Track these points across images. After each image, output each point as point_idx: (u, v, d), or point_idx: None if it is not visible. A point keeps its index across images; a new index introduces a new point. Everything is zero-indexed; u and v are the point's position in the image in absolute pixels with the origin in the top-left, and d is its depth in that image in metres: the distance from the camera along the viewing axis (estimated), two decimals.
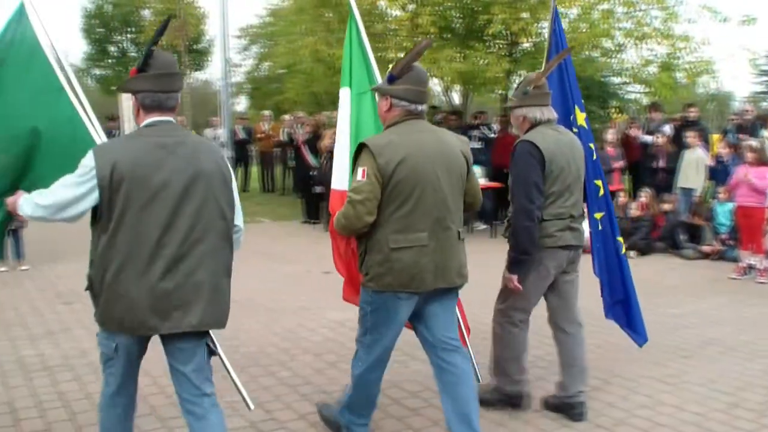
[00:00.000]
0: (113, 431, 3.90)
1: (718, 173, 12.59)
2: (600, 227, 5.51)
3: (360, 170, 4.18)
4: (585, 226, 5.15)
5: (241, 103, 37.68)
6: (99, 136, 4.51)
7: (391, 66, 4.46)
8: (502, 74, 14.20)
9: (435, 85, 23.27)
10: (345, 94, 5.51)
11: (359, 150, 4.27)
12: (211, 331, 3.88)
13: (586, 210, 5.37)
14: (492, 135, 14.83)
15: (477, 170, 13.53)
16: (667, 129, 13.96)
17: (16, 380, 5.87)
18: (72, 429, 4.95)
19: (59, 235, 13.80)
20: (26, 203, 3.72)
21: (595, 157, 5.54)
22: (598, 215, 5.50)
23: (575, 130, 5.47)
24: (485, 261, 6.92)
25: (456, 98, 19.77)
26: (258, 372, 6.03)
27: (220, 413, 3.91)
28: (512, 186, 4.93)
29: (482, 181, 13.59)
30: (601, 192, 5.54)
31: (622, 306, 5.73)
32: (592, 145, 5.56)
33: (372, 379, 4.52)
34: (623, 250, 5.66)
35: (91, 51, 30.34)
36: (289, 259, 11.02)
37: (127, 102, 19.86)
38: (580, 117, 5.58)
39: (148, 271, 3.54)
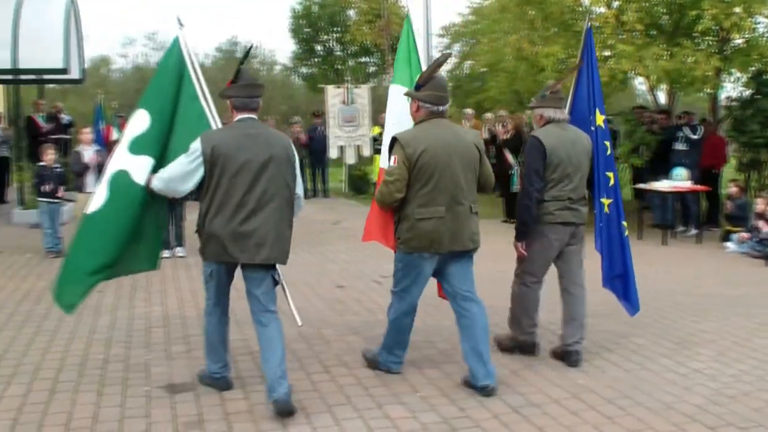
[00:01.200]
0: (213, 332, 5.55)
1: None
2: (606, 211, 6.48)
3: (393, 158, 5.48)
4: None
5: None
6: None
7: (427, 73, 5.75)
8: (711, 72, 13.54)
9: (640, 84, 22.60)
10: (396, 91, 6.66)
11: (393, 142, 5.57)
12: (278, 267, 5.40)
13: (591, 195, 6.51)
14: (695, 136, 14.15)
15: (682, 173, 13.11)
16: None
17: None
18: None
19: None
20: (154, 178, 5.43)
21: (609, 153, 6.53)
22: (606, 201, 6.49)
23: (593, 128, 6.47)
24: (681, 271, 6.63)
25: (662, 98, 19.06)
26: (453, 369, 6.06)
27: (279, 324, 5.33)
28: (522, 171, 6.21)
29: (687, 184, 13.09)
30: (612, 182, 6.52)
31: (621, 280, 6.63)
32: (607, 143, 6.53)
33: (404, 324, 5.80)
34: (626, 233, 6.60)
35: (298, 50, 31.30)
36: (486, 259, 10.93)
37: (332, 99, 20.58)
38: (599, 118, 6.53)
39: (232, 219, 5.10)
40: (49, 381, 5.79)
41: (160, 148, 5.67)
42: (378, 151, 19.79)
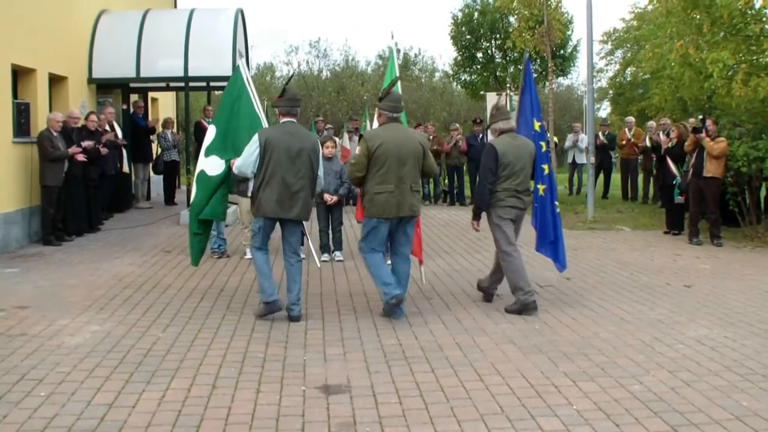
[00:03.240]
0: (263, 261, 7.79)
1: None
2: (541, 194, 8.62)
3: (358, 148, 7.81)
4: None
5: (605, 109, 37.15)
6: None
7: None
8: None
9: None
10: None
11: (360, 137, 7.56)
12: (305, 226, 8.16)
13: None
14: None
15: None
16: None
17: (377, 366, 6.25)
18: (426, 418, 5.16)
19: (431, 233, 14.43)
20: (233, 164, 7.94)
21: (544, 150, 8.68)
22: (541, 187, 8.61)
23: (533, 133, 8.64)
24: None
25: None
26: (608, 383, 5.91)
27: (301, 265, 8.02)
28: (479, 169, 8.45)
29: None
30: (546, 172, 8.63)
31: (552, 245, 8.73)
32: (543, 143, 8.68)
33: (377, 261, 7.83)
34: (558, 210, 8.81)
35: (458, 57, 31.31)
36: (646, 270, 10.64)
37: (490, 104, 20.44)
38: (536, 125, 8.75)
39: (277, 189, 7.54)
40: (211, 376, 6.00)
41: (224, 147, 8.64)
42: None
